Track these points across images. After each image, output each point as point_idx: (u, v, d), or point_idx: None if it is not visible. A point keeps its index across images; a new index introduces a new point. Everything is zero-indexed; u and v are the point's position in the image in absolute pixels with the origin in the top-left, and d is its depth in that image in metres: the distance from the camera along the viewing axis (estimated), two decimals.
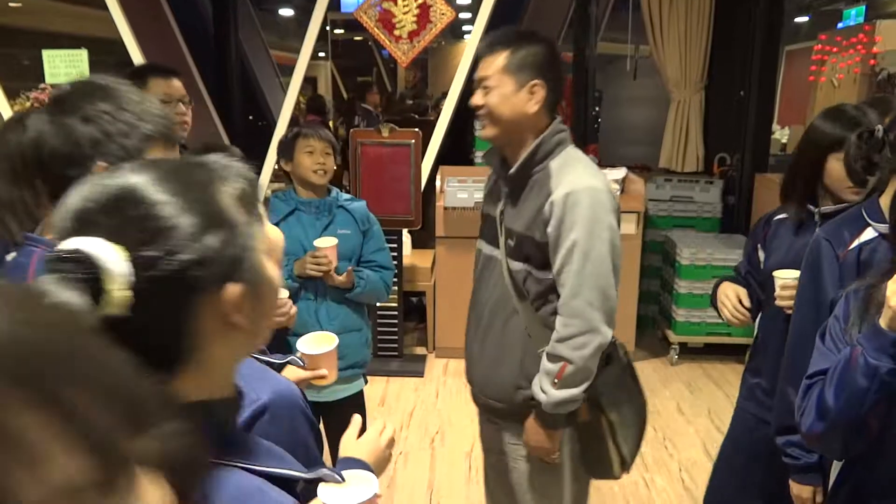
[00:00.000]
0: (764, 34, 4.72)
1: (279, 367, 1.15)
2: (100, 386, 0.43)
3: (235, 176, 0.73)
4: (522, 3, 6.04)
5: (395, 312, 4.27)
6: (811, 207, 1.92)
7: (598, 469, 1.85)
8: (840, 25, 5.64)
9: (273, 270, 0.76)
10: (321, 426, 2.33)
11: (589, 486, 1.95)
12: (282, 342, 2.19)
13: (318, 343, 1.31)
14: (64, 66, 4.27)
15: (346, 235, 2.42)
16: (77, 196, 0.67)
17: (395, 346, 4.33)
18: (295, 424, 0.94)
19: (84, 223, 0.65)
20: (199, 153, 1.55)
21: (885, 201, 1.57)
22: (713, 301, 2.13)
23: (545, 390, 1.72)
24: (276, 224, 2.36)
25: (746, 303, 2.03)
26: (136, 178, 0.67)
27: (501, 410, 1.87)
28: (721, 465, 2.17)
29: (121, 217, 0.65)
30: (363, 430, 1.16)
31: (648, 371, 4.29)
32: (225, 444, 0.72)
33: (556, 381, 1.70)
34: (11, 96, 4.71)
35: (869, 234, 1.59)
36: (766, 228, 2.06)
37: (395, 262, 3.89)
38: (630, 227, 4.19)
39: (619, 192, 4.42)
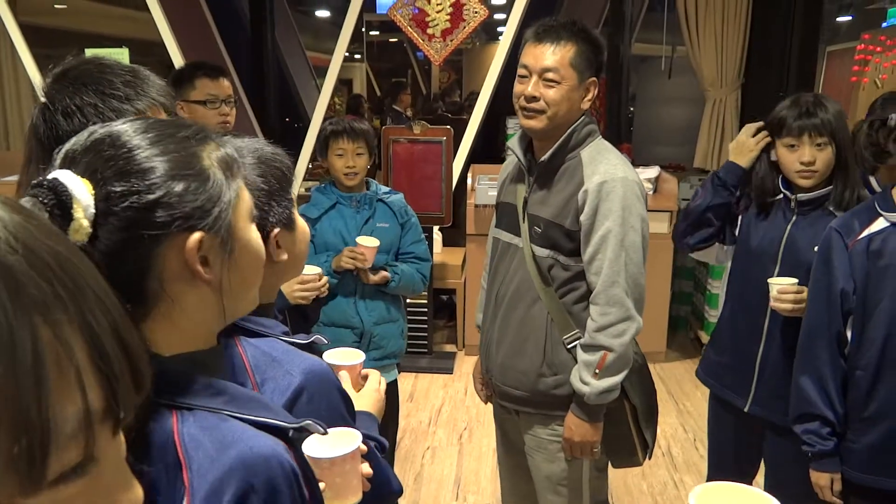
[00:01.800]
0: (802, 32, 4.64)
1: (305, 348, 1.17)
2: (108, 316, 0.43)
3: (225, 145, 0.79)
4: (556, 2, 6.03)
5: (425, 309, 4.30)
6: (787, 193, 1.94)
7: (622, 455, 1.85)
8: (884, 24, 5.51)
9: (253, 235, 0.81)
10: None
11: (607, 478, 1.94)
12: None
13: (344, 357, 1.28)
14: None
15: (385, 229, 2.46)
16: (70, 142, 0.74)
17: (425, 342, 4.36)
18: (332, 400, 0.95)
19: (68, 162, 0.72)
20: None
21: None
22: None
23: (587, 381, 1.72)
24: (319, 217, 2.41)
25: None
26: (120, 127, 0.74)
27: (521, 398, 1.86)
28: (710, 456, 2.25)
29: (96, 156, 0.71)
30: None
31: (680, 372, 4.24)
32: (214, 393, 0.74)
33: (597, 371, 1.70)
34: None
35: (880, 224, 1.63)
36: (750, 205, 2.07)
37: (430, 264, 3.91)
38: (662, 226, 4.15)
39: (651, 192, 4.39)
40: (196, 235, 0.73)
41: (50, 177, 0.67)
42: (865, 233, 1.64)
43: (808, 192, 1.91)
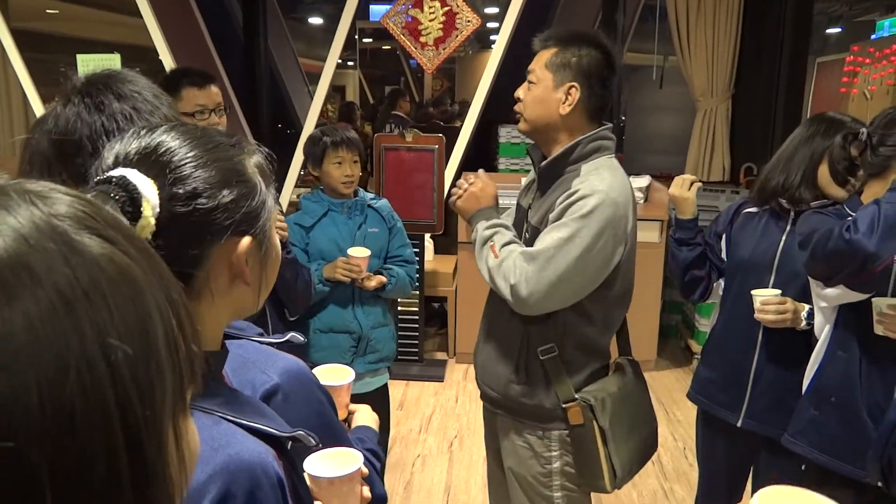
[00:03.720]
0: (792, 43, 4.68)
1: (279, 347, 1.16)
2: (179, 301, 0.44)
3: (256, 152, 0.83)
4: (548, 12, 6.06)
5: (417, 317, 4.29)
6: (785, 204, 1.94)
7: (588, 478, 1.77)
8: (873, 37, 5.57)
9: (277, 239, 0.85)
10: None
11: (589, 498, 1.89)
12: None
13: (333, 375, 1.23)
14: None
15: (376, 234, 2.49)
16: (115, 147, 0.76)
17: (416, 350, 4.35)
18: (310, 398, 0.96)
19: (126, 163, 0.74)
20: None
21: (865, 199, 1.66)
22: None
23: (481, 237, 1.74)
24: (312, 226, 2.42)
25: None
26: (167, 136, 0.77)
27: (496, 400, 1.87)
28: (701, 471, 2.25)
29: (155, 160, 0.74)
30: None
31: (671, 380, 4.25)
32: (212, 395, 0.75)
33: (492, 252, 1.71)
34: (47, 101, 4.84)
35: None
36: (735, 218, 2.08)
37: (417, 268, 3.91)
38: (653, 235, 4.16)
39: (642, 201, 4.40)
40: (247, 240, 0.77)
41: (116, 174, 0.69)
42: None
43: (808, 205, 1.90)
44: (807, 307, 1.86)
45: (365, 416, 1.21)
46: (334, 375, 1.22)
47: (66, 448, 0.34)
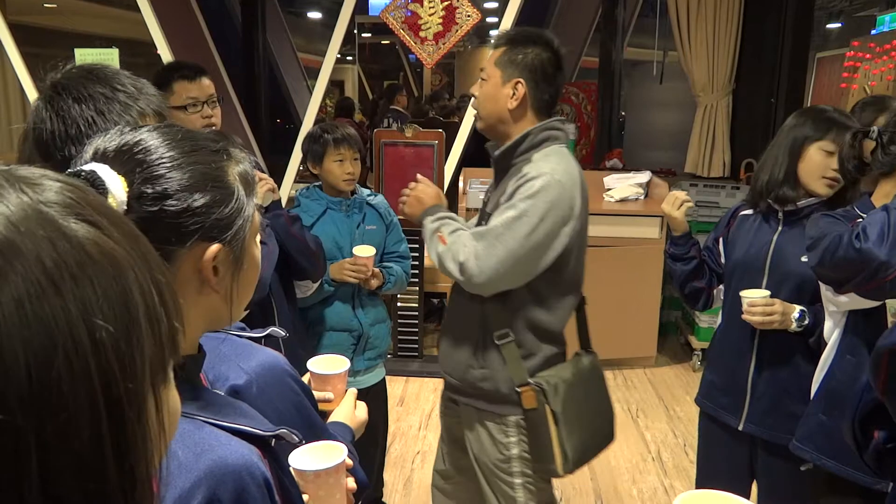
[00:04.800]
0: (793, 39, 4.67)
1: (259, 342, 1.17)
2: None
3: (244, 160, 0.81)
4: (549, 6, 6.05)
5: (416, 313, 4.28)
6: (774, 205, 1.93)
7: (541, 461, 1.83)
8: (874, 32, 5.55)
9: (257, 252, 0.83)
10: None
11: (549, 484, 1.94)
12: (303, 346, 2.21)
13: (328, 365, 1.25)
14: None
15: (374, 231, 2.49)
16: (96, 141, 0.76)
17: (416, 346, 4.34)
18: (285, 392, 0.96)
19: (101, 158, 0.74)
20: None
21: (876, 200, 1.63)
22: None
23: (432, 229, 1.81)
24: (311, 225, 2.40)
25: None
26: (153, 133, 0.76)
27: (456, 387, 1.92)
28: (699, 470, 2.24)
29: (130, 158, 0.73)
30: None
31: (671, 377, 4.24)
32: (191, 398, 0.75)
33: (440, 240, 1.78)
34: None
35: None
36: (731, 221, 2.08)
37: (416, 264, 3.90)
38: (653, 231, 4.15)
39: (642, 196, 4.39)
40: (214, 247, 0.75)
41: (87, 168, 0.69)
42: None
43: (794, 204, 1.90)
44: (797, 308, 1.84)
45: (343, 413, 1.20)
46: (329, 365, 1.24)
47: (52, 419, 0.37)
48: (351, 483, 1.03)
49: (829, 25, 7.32)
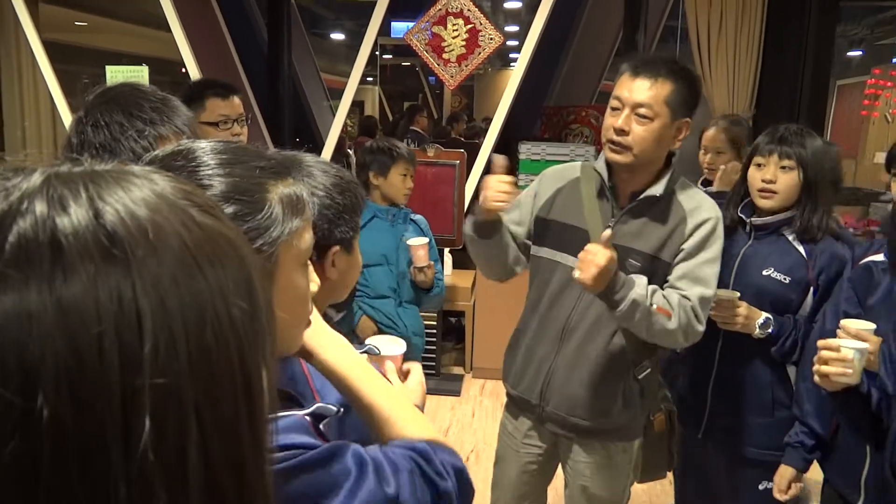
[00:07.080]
0: (813, 65, 4.68)
1: None
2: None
3: (299, 182, 0.81)
4: (570, 31, 6.11)
5: (434, 331, 4.30)
6: (743, 217, 1.99)
7: (654, 471, 1.90)
8: (895, 60, 5.56)
9: (300, 281, 0.80)
10: None
11: None
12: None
13: (388, 345, 1.23)
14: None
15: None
16: (158, 150, 0.82)
17: (433, 364, 4.35)
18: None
19: (147, 164, 0.77)
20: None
21: None
22: None
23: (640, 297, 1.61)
24: (360, 228, 2.45)
25: None
26: (201, 143, 0.80)
27: (586, 429, 1.83)
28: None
29: (172, 164, 0.77)
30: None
31: None
32: None
33: (663, 313, 1.62)
34: (75, 112, 4.92)
35: (882, 256, 1.65)
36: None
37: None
38: None
39: None
40: None
41: None
42: (869, 258, 1.69)
43: (763, 217, 1.94)
44: (763, 315, 1.87)
45: (415, 395, 1.12)
46: (388, 345, 1.23)
47: (206, 386, 0.41)
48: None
49: (849, 53, 7.33)
